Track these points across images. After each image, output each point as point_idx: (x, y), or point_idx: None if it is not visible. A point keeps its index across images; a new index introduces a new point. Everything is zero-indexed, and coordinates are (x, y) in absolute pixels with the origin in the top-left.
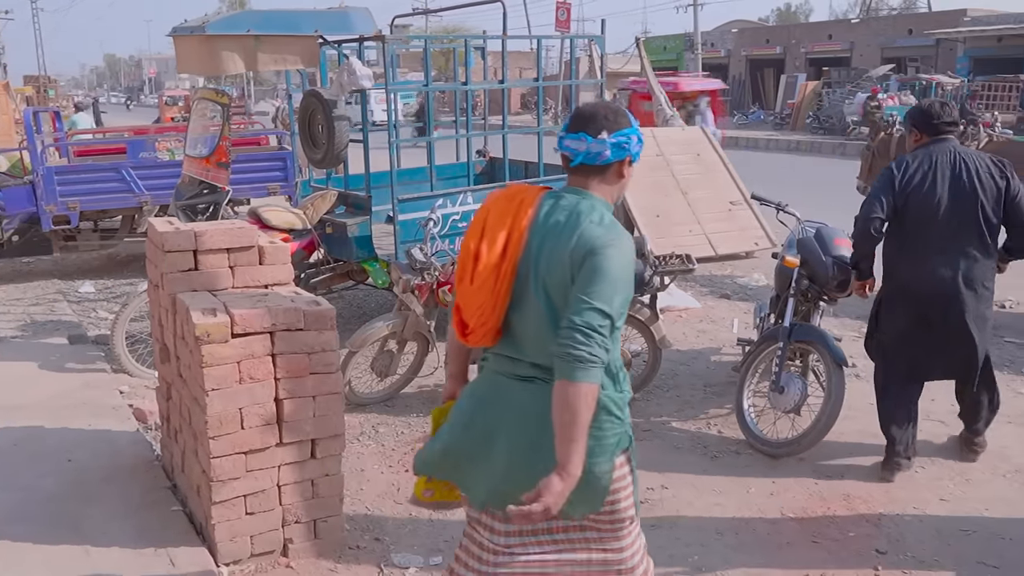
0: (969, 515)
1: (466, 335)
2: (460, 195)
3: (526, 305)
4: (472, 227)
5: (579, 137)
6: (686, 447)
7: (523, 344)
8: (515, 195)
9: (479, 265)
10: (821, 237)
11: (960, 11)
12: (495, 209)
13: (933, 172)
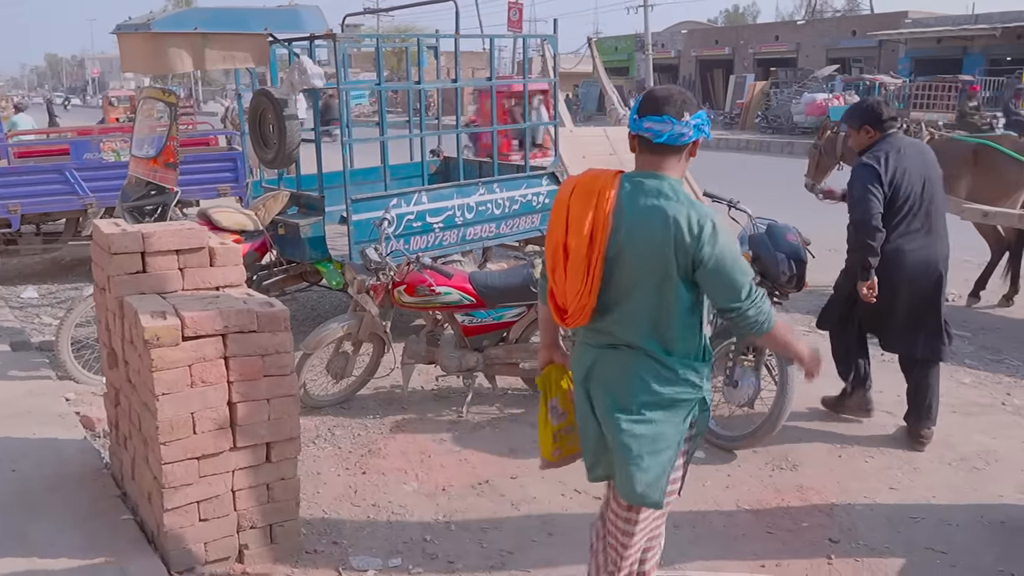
0: (917, 503)
1: (564, 319)
2: (415, 195)
3: (613, 284)
4: (555, 218)
5: (663, 120)
6: None
7: (608, 318)
8: (593, 182)
9: (571, 256)
10: (772, 233)
11: (901, 13)
12: (576, 198)
13: (905, 161)
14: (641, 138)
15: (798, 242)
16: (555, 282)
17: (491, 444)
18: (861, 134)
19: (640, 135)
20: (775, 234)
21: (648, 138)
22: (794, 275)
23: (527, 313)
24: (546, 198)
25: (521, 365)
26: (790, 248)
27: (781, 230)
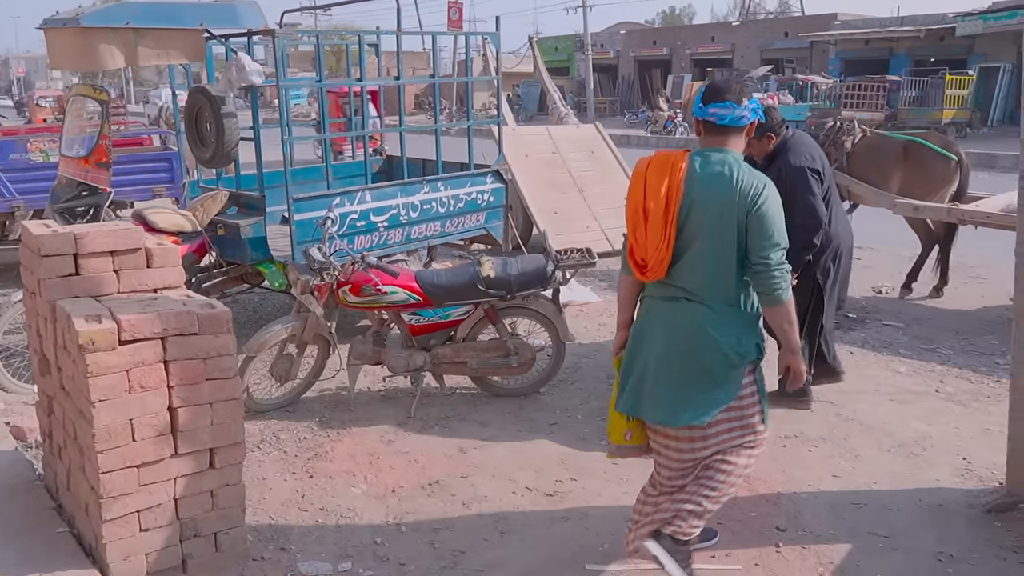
0: (859, 489)
1: (645, 272)
2: (358, 194)
3: (684, 241)
4: (634, 186)
5: (726, 105)
6: (592, 439)
7: (679, 273)
8: (666, 158)
9: (650, 216)
10: None
11: (831, 15)
12: (652, 170)
13: (821, 158)
14: (706, 122)
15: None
16: (636, 240)
17: (440, 444)
18: (764, 142)
19: (705, 120)
20: None
21: (712, 121)
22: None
23: (474, 311)
24: (491, 196)
25: (469, 364)
26: None
27: None
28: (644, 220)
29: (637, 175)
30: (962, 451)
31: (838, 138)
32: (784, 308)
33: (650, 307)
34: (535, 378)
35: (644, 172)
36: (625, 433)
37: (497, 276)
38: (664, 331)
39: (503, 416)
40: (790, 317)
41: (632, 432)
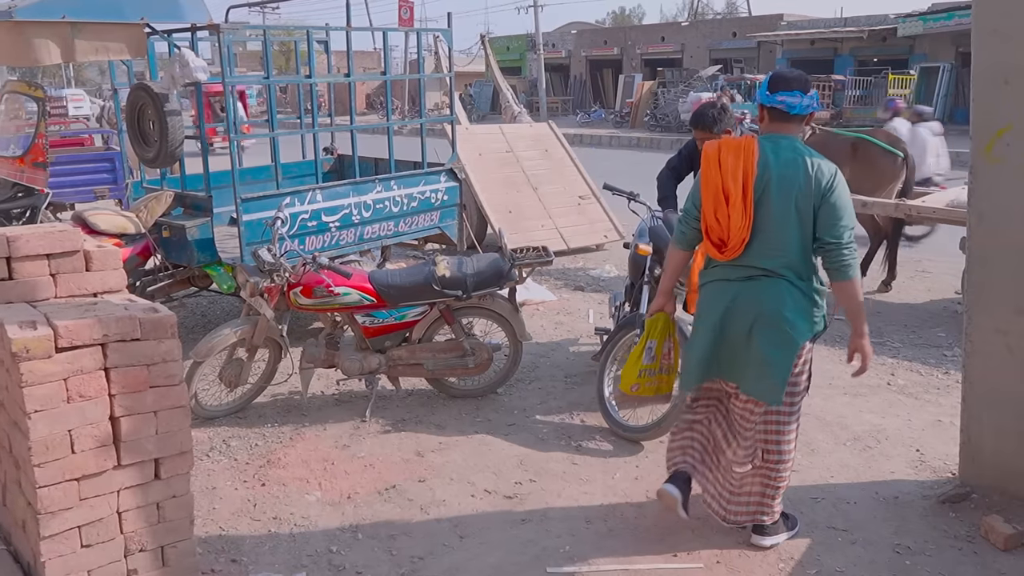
0: (816, 483)
1: (723, 251)
2: (308, 193)
3: (760, 221)
4: (709, 170)
5: (795, 94)
6: (551, 438)
7: (754, 251)
8: (737, 144)
9: (730, 197)
10: (671, 224)
11: (777, 16)
12: (725, 154)
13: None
14: (772, 109)
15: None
16: (717, 220)
17: (397, 448)
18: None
19: (773, 107)
20: (673, 225)
21: (781, 109)
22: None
23: (429, 312)
24: (444, 195)
25: (425, 365)
26: None
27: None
28: (725, 201)
29: (710, 158)
30: (915, 443)
31: None
32: (853, 283)
33: (723, 287)
34: (492, 378)
35: (717, 155)
36: (632, 386)
37: (452, 276)
38: (742, 307)
39: (460, 418)
40: (859, 293)
41: (639, 386)
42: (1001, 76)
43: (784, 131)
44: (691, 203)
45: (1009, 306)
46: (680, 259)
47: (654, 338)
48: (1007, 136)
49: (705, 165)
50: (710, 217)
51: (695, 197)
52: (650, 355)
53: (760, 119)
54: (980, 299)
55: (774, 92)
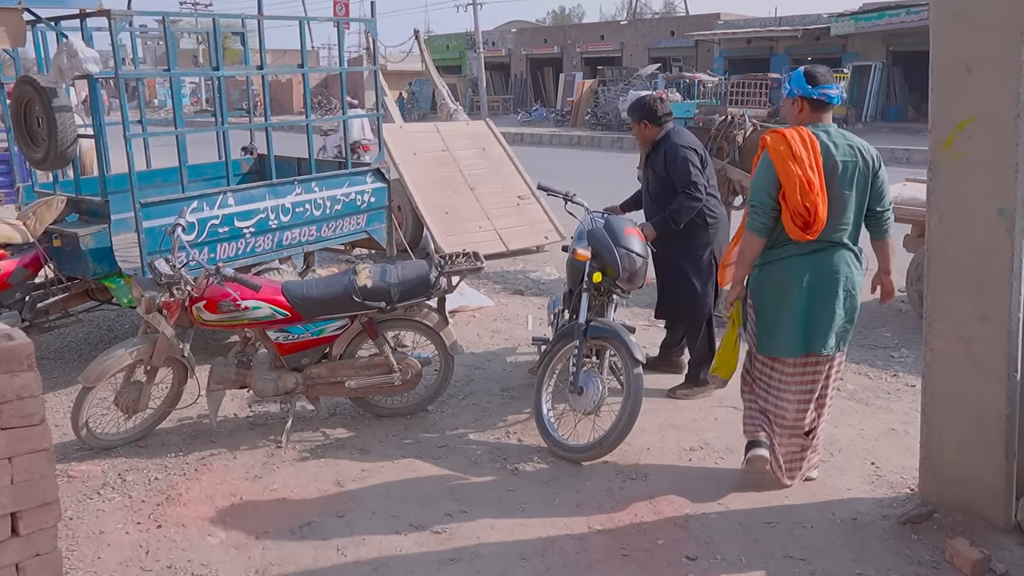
0: (770, 504)
1: (809, 232)
2: (219, 196)
3: (831, 199)
4: (787, 165)
5: (832, 87)
6: (485, 461)
7: (828, 226)
8: (799, 133)
9: (813, 185)
10: (611, 228)
11: (714, 15)
12: (796, 149)
13: (700, 147)
14: (814, 101)
15: (638, 236)
16: (805, 208)
17: (314, 477)
18: (642, 127)
19: (815, 99)
20: (614, 229)
21: (824, 101)
22: (636, 271)
23: (351, 325)
24: (372, 196)
25: (347, 383)
26: (630, 243)
27: (619, 224)
28: (810, 187)
29: (783, 154)
30: (869, 455)
31: (729, 132)
32: (892, 240)
33: (798, 261)
34: (422, 395)
35: (790, 150)
36: (734, 372)
37: (375, 285)
38: (819, 275)
39: (386, 440)
40: (894, 248)
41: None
42: (962, 64)
43: (824, 120)
44: (765, 195)
45: (972, 312)
46: (758, 247)
47: (741, 324)
48: (969, 129)
49: (779, 160)
50: (798, 205)
51: (769, 189)
52: (742, 339)
53: (799, 110)
54: (940, 305)
55: (816, 86)
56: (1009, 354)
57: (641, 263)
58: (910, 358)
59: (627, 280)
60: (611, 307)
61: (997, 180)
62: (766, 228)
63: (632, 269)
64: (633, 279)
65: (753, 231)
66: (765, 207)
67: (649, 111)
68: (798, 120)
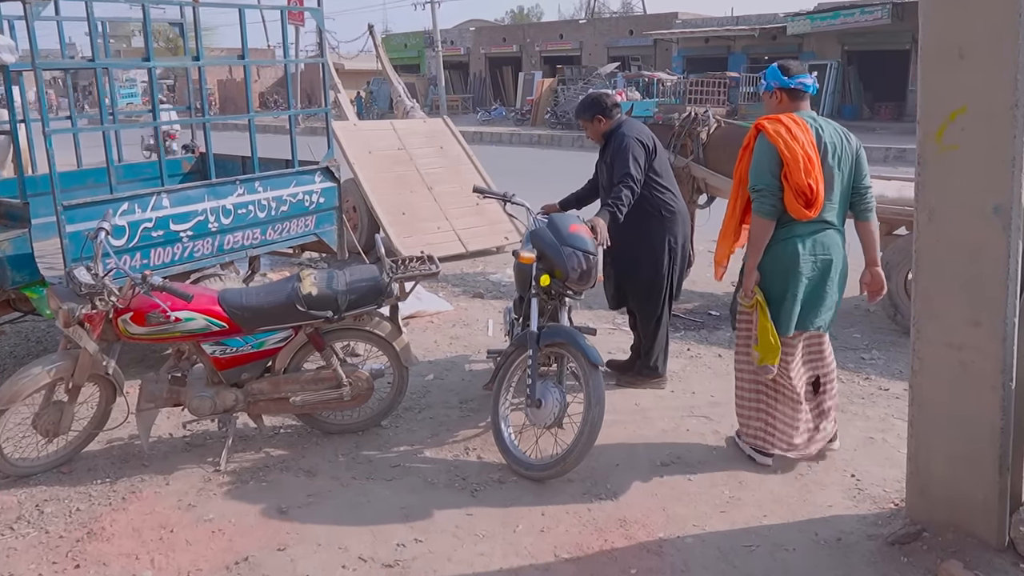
0: (749, 525)
1: (811, 210)
2: (152, 198)
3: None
4: (791, 144)
5: (807, 76)
6: (442, 482)
7: (825, 207)
8: (795, 120)
9: (814, 163)
10: (555, 226)
11: (672, 14)
12: (795, 130)
13: (651, 138)
14: (792, 90)
15: (584, 233)
16: (809, 185)
17: (255, 504)
18: (595, 123)
19: (793, 88)
20: (558, 227)
21: (801, 89)
22: (586, 270)
23: (295, 337)
24: (320, 197)
25: (292, 399)
26: (576, 241)
27: (564, 222)
28: (811, 165)
29: (783, 135)
30: (849, 466)
31: (693, 129)
32: (875, 221)
33: (798, 243)
34: (375, 410)
35: (789, 131)
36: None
37: (320, 293)
38: (819, 255)
39: (335, 461)
40: (878, 231)
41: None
42: (955, 49)
43: (802, 108)
44: (769, 176)
45: (963, 317)
46: (769, 230)
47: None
48: (961, 119)
49: (781, 141)
50: (801, 183)
51: (773, 169)
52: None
53: (778, 101)
54: (929, 308)
55: (791, 76)
56: (1003, 362)
57: (591, 261)
58: (881, 360)
59: (577, 280)
60: (564, 310)
61: (991, 175)
62: (775, 210)
63: (581, 268)
64: (583, 278)
65: (763, 215)
66: (771, 188)
67: (599, 106)
68: (778, 111)
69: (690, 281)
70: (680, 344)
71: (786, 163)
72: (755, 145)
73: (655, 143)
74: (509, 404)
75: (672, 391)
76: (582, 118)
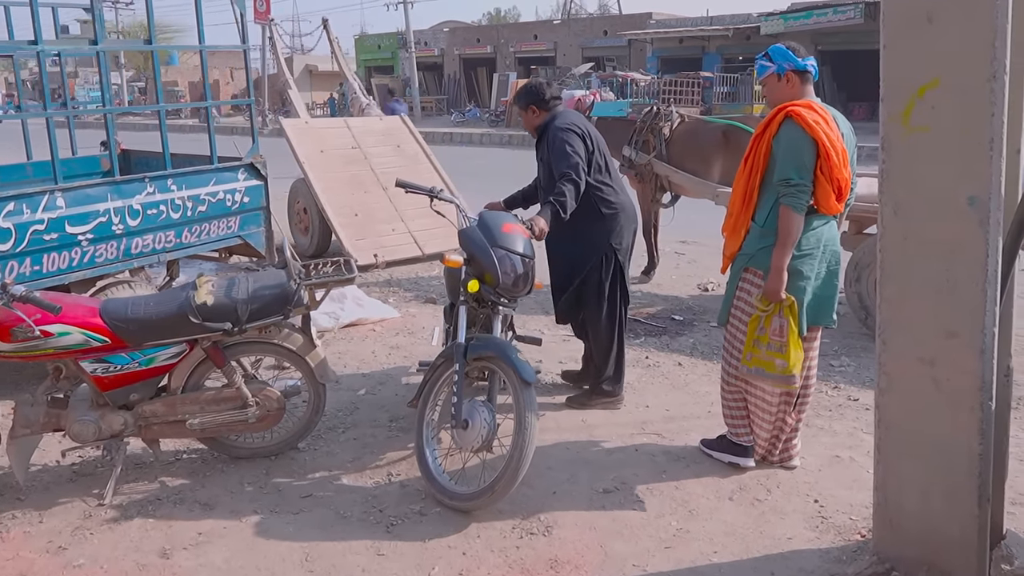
0: (696, 565)
1: (842, 201)
2: (45, 196)
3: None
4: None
5: (811, 60)
6: (356, 515)
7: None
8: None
9: (845, 153)
10: (486, 226)
11: (646, 14)
12: (820, 116)
13: (587, 128)
14: (803, 72)
15: (519, 233)
16: (842, 176)
17: (136, 545)
18: (530, 114)
19: (805, 71)
20: (489, 227)
21: (810, 72)
22: (520, 274)
23: (190, 352)
24: (245, 196)
25: (190, 422)
26: (510, 242)
27: (496, 221)
28: (844, 157)
29: (813, 125)
30: (812, 490)
31: (655, 124)
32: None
33: (812, 234)
34: (290, 430)
35: (826, 120)
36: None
37: (217, 303)
38: (829, 247)
39: (238, 491)
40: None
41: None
42: (923, 12)
43: (810, 94)
44: (806, 171)
45: (936, 327)
46: (802, 225)
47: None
48: (931, 96)
49: (822, 132)
50: (842, 177)
51: (810, 163)
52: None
53: (792, 86)
54: (897, 317)
55: (801, 58)
56: (982, 379)
57: (527, 264)
58: (851, 367)
59: (511, 286)
60: (498, 319)
61: (967, 160)
62: (806, 206)
63: (515, 272)
64: (518, 284)
65: (799, 210)
66: (809, 183)
67: (535, 95)
68: (790, 97)
69: (655, 283)
70: (639, 351)
71: (826, 156)
72: (784, 134)
73: (592, 132)
74: (435, 424)
75: (624, 404)
76: (518, 105)
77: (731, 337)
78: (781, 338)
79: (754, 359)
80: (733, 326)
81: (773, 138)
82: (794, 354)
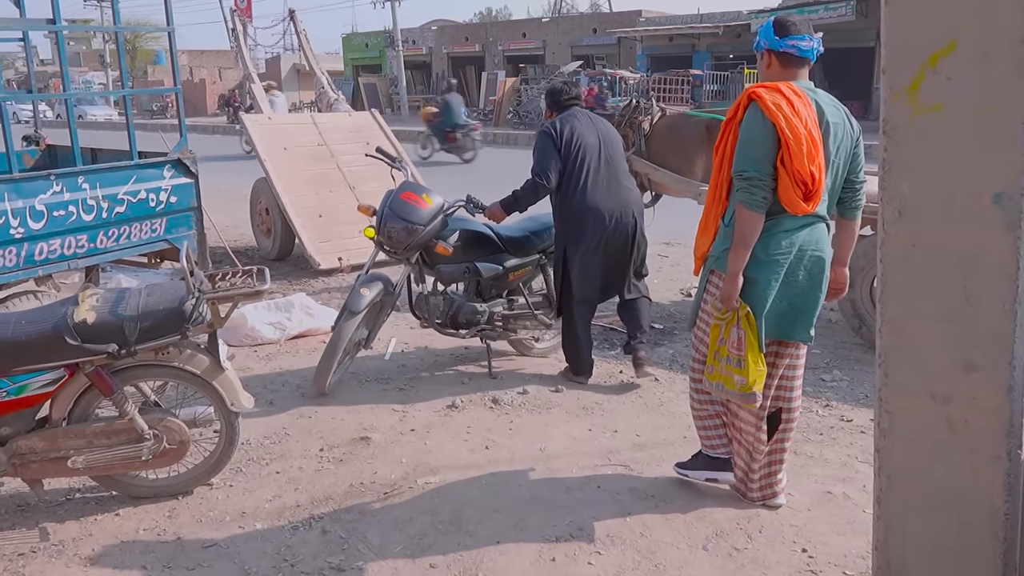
0: None
1: (810, 203)
2: None
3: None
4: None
5: (804, 38)
6: (263, 571)
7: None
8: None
9: (816, 146)
10: (394, 190)
11: (636, 12)
12: (796, 104)
13: (579, 128)
14: (783, 54)
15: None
16: (813, 170)
17: None
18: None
19: (784, 52)
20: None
21: (793, 54)
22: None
23: (70, 378)
24: (172, 196)
25: (72, 460)
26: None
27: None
28: (815, 149)
29: (782, 108)
30: (800, 535)
31: (635, 119)
32: (858, 221)
33: (784, 237)
34: (201, 466)
35: (791, 104)
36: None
37: (100, 321)
38: (809, 253)
39: (133, 539)
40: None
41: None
42: None
43: (797, 77)
44: (765, 162)
45: (951, 356)
46: (761, 226)
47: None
48: (946, 64)
49: (782, 117)
50: (803, 170)
51: (769, 153)
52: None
53: (767, 66)
54: (901, 343)
55: (783, 36)
56: (1010, 421)
57: (409, 229)
58: (844, 382)
59: (387, 240)
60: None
61: (991, 146)
62: (766, 203)
63: (389, 233)
64: (392, 243)
65: (753, 207)
66: (765, 176)
67: (551, 97)
68: (768, 79)
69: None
70: (612, 365)
71: (786, 145)
72: (745, 118)
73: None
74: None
75: (590, 429)
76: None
77: (697, 342)
78: (739, 352)
79: (715, 373)
80: (700, 330)
81: (739, 125)
82: (754, 370)
